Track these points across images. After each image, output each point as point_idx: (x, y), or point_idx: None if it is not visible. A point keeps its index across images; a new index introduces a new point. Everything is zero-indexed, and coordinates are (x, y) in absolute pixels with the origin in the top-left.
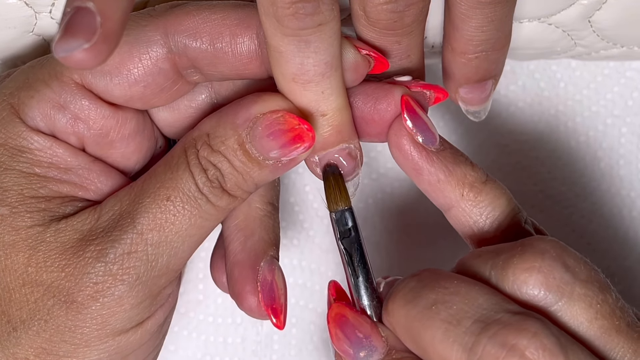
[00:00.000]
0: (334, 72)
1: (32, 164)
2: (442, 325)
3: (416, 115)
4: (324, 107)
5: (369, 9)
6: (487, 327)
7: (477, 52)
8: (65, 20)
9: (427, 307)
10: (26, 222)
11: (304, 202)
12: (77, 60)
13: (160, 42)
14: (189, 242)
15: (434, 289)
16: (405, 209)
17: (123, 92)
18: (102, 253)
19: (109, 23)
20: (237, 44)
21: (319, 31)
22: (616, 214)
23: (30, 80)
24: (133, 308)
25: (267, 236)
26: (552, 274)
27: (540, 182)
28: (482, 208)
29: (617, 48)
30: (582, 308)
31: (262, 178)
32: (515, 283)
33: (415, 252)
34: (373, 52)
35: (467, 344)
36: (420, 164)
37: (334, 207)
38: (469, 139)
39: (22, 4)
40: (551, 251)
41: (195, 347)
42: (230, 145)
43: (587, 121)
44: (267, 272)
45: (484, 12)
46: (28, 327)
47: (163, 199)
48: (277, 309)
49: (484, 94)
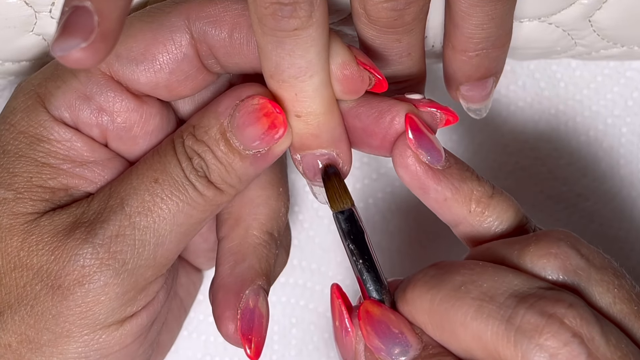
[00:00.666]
0: (309, 78)
1: (47, 154)
2: (474, 303)
3: (421, 134)
4: (298, 109)
5: (369, 7)
6: (523, 299)
7: (477, 50)
8: (63, 19)
9: (454, 289)
10: (27, 208)
11: (304, 202)
12: (74, 59)
13: (183, 28)
14: (176, 232)
15: (459, 271)
16: (406, 209)
17: (149, 79)
18: (91, 234)
19: (107, 22)
20: (253, 36)
21: (295, 35)
22: (617, 214)
23: (58, 71)
24: (117, 297)
25: (257, 265)
26: (569, 260)
27: (540, 182)
28: (490, 223)
29: (618, 48)
30: (600, 293)
31: (244, 171)
32: (534, 269)
33: (415, 252)
34: (375, 71)
35: (503, 316)
36: (427, 183)
37: (336, 207)
38: (469, 139)
39: (22, 4)
40: (566, 240)
41: (195, 347)
42: (213, 135)
43: (588, 121)
44: (251, 301)
45: (484, 9)
46: (15, 312)
47: (151, 181)
48: (252, 339)
49: (484, 92)
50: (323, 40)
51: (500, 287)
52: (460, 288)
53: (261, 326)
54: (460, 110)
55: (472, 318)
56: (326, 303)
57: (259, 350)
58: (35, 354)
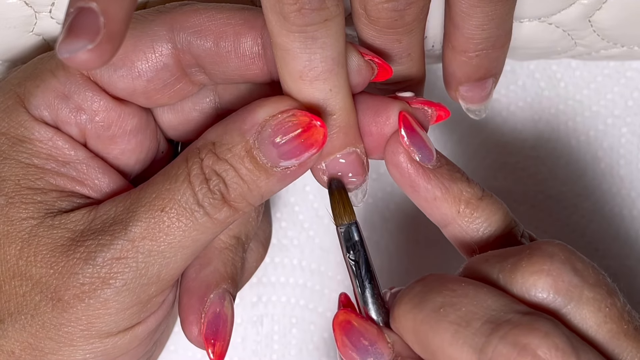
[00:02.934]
0: (340, 69)
1: (31, 155)
2: (450, 327)
3: (413, 132)
4: (331, 106)
5: (369, 7)
6: (497, 328)
7: (477, 50)
8: (69, 20)
9: (434, 310)
10: (21, 213)
11: (304, 202)
12: (81, 61)
13: (165, 37)
14: (182, 254)
15: (441, 292)
16: (406, 209)
17: (126, 85)
18: (91, 256)
19: (113, 23)
20: (241, 44)
21: (325, 27)
22: (617, 213)
23: (38, 70)
24: (119, 312)
25: (223, 269)
26: (561, 277)
27: (540, 182)
28: (478, 224)
29: (618, 48)
30: (591, 312)
31: (268, 188)
32: (524, 286)
33: (415, 252)
34: (377, 58)
35: (477, 345)
36: (417, 182)
37: (339, 222)
38: (469, 139)
39: (22, 4)
40: (560, 254)
41: (195, 347)
42: (237, 153)
43: (588, 121)
44: (216, 305)
45: (484, 10)
46: (15, 320)
47: (157, 210)
48: (216, 343)
49: (484, 92)
50: (345, 28)
51: (478, 311)
52: (440, 310)
53: (225, 330)
54: (461, 110)
55: (448, 343)
56: (326, 303)
57: (223, 354)
58: None
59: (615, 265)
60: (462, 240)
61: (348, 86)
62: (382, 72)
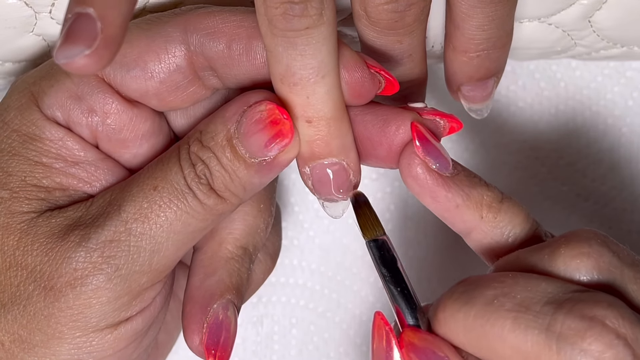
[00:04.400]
0: (322, 79)
1: (40, 153)
2: (509, 315)
3: (427, 142)
4: (309, 113)
5: (370, 9)
6: (560, 306)
7: (478, 50)
8: (66, 26)
9: (488, 303)
10: (23, 207)
11: (304, 202)
12: (78, 66)
13: (179, 39)
14: (174, 240)
15: (490, 285)
16: (406, 210)
17: (139, 86)
18: (85, 238)
19: (110, 28)
20: (252, 47)
21: (307, 34)
22: (617, 214)
23: (53, 70)
24: (110, 302)
25: (228, 279)
26: (602, 258)
27: (540, 182)
28: (502, 228)
29: (617, 48)
30: (635, 290)
31: (248, 179)
32: (568, 271)
33: (416, 252)
34: (385, 72)
35: (542, 325)
36: (437, 191)
37: (370, 235)
38: (469, 139)
39: (22, 4)
40: (596, 238)
41: None
42: (219, 142)
43: (588, 121)
44: (218, 315)
45: (485, 11)
46: (8, 310)
47: (150, 188)
48: (216, 354)
49: (485, 92)
50: (333, 39)
51: (535, 296)
52: (494, 302)
53: (227, 341)
54: (460, 111)
55: (509, 330)
56: (326, 303)
57: None
58: (28, 353)
59: None
60: (487, 246)
61: (335, 96)
62: (388, 86)
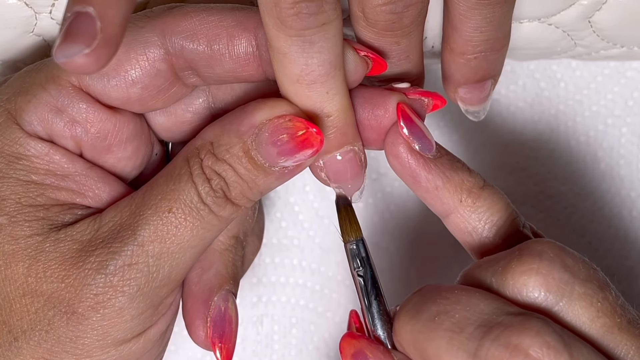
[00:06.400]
0: (338, 71)
1: (29, 172)
2: (445, 334)
3: (412, 122)
4: (328, 108)
5: (367, 10)
6: (489, 331)
7: (476, 52)
8: (66, 25)
9: (430, 319)
10: (25, 231)
11: (304, 202)
12: (77, 66)
13: (157, 43)
14: (191, 253)
15: (436, 301)
16: (406, 209)
17: (121, 94)
18: (102, 265)
19: (110, 28)
20: (235, 45)
21: (323, 30)
22: (617, 213)
23: (27, 84)
24: (134, 319)
25: (224, 270)
26: (551, 275)
27: (540, 182)
28: (480, 214)
29: (617, 48)
30: (583, 307)
31: (267, 185)
32: (516, 287)
33: (416, 252)
34: (371, 54)
35: (471, 349)
36: (418, 172)
37: (347, 238)
38: (469, 139)
39: (22, 5)
40: (548, 252)
41: (195, 347)
42: (235, 153)
43: (588, 121)
44: (220, 308)
45: (482, 13)
46: (29, 337)
47: (165, 211)
48: (222, 345)
49: (483, 94)
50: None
51: (471, 316)
52: (435, 319)
53: (231, 331)
54: (461, 111)
55: (444, 350)
56: (326, 303)
57: (230, 355)
58: None
59: (615, 265)
60: (464, 230)
61: (345, 87)
62: (376, 66)
